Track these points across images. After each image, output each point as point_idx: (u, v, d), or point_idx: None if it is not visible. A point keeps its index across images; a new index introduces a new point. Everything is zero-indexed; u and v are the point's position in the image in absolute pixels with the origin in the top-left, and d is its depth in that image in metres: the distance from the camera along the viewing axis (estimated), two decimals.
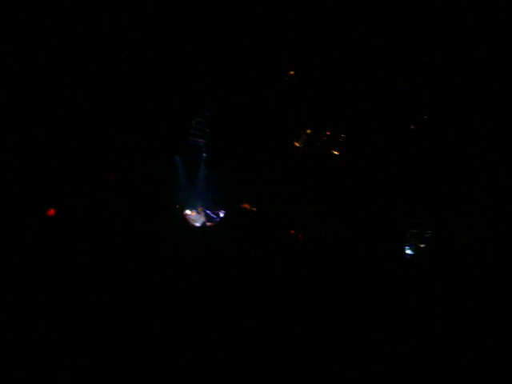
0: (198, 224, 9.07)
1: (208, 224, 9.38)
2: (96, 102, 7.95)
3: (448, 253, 5.45)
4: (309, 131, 10.78)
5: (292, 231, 7.60)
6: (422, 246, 6.59)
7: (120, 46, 7.83)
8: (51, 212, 4.71)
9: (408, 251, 6.51)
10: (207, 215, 9.83)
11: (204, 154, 11.53)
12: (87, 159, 7.58)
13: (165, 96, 9.04)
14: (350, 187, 9.69)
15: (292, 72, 9.66)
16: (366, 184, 9.42)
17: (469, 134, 8.24)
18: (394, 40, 8.21)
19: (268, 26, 8.24)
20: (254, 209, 8.12)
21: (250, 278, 3.96)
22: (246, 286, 3.80)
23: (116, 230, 4.46)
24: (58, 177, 6.66)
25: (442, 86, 8.40)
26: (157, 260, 3.92)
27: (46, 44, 7.04)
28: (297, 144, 10.84)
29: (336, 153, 10.71)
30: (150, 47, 8.11)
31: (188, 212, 9.51)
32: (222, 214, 9.82)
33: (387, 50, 8.43)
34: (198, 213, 9.72)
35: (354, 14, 7.89)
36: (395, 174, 9.18)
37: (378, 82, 9.11)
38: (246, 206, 9.39)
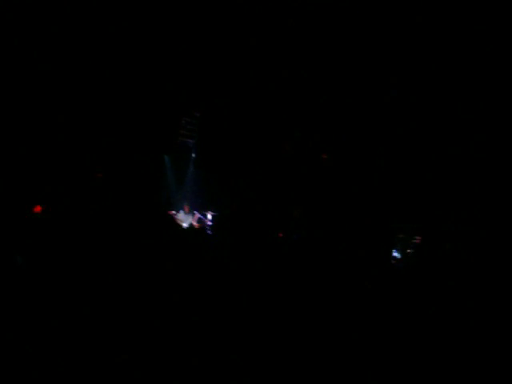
0: (185, 224, 9.02)
1: (195, 224, 9.35)
2: (86, 102, 7.87)
3: (434, 258, 5.52)
4: (298, 134, 10.82)
5: (280, 234, 7.62)
6: (409, 251, 6.66)
7: (110, 46, 7.76)
8: (38, 209, 4.64)
9: (395, 255, 6.57)
10: (194, 216, 9.79)
11: (193, 154, 11.48)
12: (76, 158, 7.50)
13: (155, 95, 9.00)
14: (339, 191, 9.74)
15: (283, 75, 9.69)
16: (355, 188, 9.48)
17: (456, 142, 8.37)
18: (385, 45, 8.29)
19: (259, 28, 8.25)
20: (242, 211, 8.11)
21: (236, 278, 3.95)
22: (232, 286, 3.79)
23: (103, 229, 4.41)
24: (46, 175, 6.57)
25: (431, 92, 8.51)
26: (144, 259, 3.89)
27: (34, 43, 6.95)
28: (286, 146, 10.87)
29: (325, 156, 10.76)
30: (141, 47, 8.06)
31: (175, 212, 9.46)
32: (209, 215, 9.78)
33: (378, 55, 8.51)
34: (186, 213, 9.67)
35: (344, 19, 7.95)
36: (384, 179, 9.25)
37: (369, 87, 9.18)
38: (234, 207, 9.39)
